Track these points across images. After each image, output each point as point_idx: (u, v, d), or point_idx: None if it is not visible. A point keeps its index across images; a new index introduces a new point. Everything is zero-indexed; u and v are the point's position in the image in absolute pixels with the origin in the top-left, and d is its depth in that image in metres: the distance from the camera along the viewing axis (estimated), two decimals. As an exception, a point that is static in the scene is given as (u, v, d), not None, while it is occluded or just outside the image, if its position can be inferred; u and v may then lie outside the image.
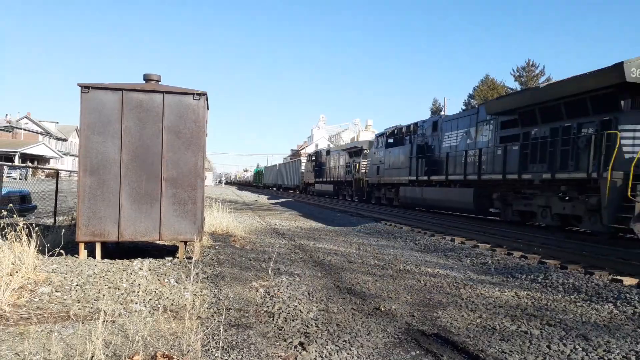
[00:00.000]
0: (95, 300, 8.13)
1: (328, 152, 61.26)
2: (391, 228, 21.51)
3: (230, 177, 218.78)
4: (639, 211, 14.69)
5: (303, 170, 73.99)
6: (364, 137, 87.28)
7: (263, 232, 19.24)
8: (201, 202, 11.53)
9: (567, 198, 18.33)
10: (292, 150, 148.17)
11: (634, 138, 15.95)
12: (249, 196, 60.94)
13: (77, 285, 8.88)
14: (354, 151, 51.21)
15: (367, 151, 46.39)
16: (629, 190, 15.12)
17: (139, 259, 11.37)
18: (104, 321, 6.79)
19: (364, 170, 46.62)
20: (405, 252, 15.44)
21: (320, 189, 60.67)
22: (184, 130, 11.31)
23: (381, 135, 38.77)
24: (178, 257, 11.63)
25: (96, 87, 10.98)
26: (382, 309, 8.75)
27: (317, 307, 8.64)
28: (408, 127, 34.43)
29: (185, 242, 11.65)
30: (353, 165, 50.88)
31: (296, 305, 8.60)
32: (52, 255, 10.47)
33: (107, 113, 10.99)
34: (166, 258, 11.64)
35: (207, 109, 11.89)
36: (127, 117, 11.08)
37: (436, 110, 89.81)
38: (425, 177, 28.95)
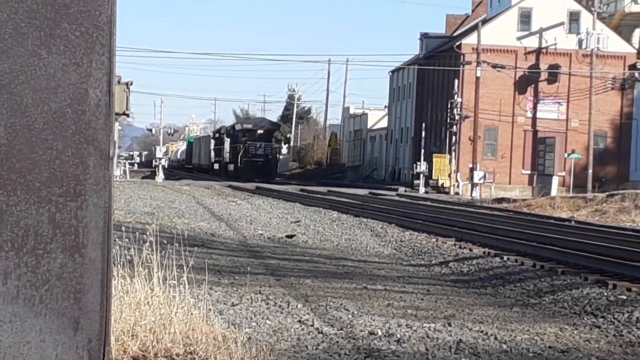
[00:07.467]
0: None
1: (224, 133, 58.81)
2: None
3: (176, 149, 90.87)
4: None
5: (212, 147, 60.99)
6: None
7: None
8: (103, 249, 2.60)
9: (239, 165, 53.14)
10: (422, 36, 55.30)
11: (237, 143, 52.55)
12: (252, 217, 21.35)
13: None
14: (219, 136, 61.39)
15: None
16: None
17: None
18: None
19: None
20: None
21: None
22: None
23: (223, 127, 63.37)
24: None
25: None
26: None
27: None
28: (232, 126, 58.99)
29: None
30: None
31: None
32: None
33: None
34: None
35: None
36: None
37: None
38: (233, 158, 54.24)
